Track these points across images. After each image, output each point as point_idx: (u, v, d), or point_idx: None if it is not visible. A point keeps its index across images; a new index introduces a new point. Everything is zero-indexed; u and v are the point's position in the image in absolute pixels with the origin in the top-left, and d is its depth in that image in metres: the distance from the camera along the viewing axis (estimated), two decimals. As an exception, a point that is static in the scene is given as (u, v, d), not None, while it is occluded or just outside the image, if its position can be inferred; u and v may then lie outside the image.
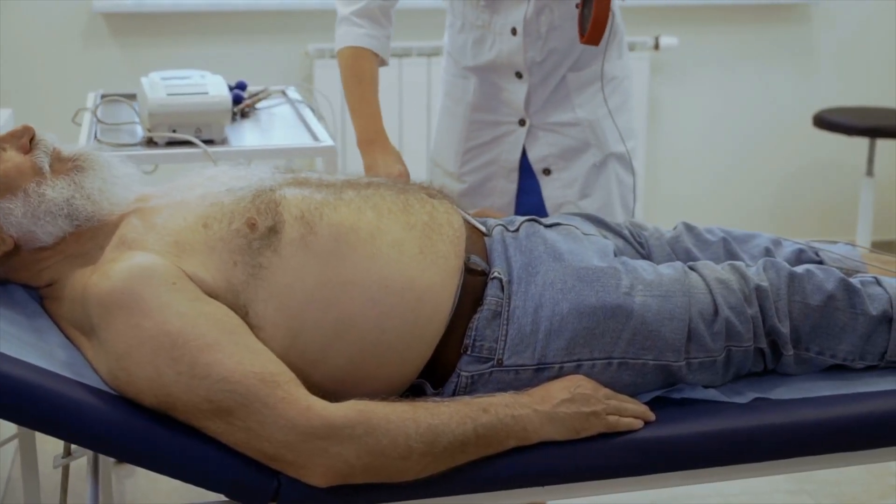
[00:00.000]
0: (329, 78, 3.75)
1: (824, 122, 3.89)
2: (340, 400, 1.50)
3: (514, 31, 2.16)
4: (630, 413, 1.61)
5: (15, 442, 2.32)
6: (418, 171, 2.43)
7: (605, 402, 1.60)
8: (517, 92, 2.21)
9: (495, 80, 2.23)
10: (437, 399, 1.57)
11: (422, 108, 3.84)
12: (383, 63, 2.20)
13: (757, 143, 4.23)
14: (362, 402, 1.49)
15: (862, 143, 4.05)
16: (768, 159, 4.25)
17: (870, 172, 3.98)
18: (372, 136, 2.15)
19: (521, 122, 2.24)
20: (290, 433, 1.44)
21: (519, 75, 2.21)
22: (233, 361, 1.45)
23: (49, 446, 1.81)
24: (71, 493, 1.90)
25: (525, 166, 2.29)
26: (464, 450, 1.52)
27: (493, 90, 2.25)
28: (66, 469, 1.71)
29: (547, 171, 2.27)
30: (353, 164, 3.77)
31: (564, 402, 1.58)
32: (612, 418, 1.59)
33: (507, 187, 2.28)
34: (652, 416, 1.62)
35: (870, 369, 1.77)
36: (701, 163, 4.21)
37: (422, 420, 1.49)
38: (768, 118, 4.21)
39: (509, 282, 1.67)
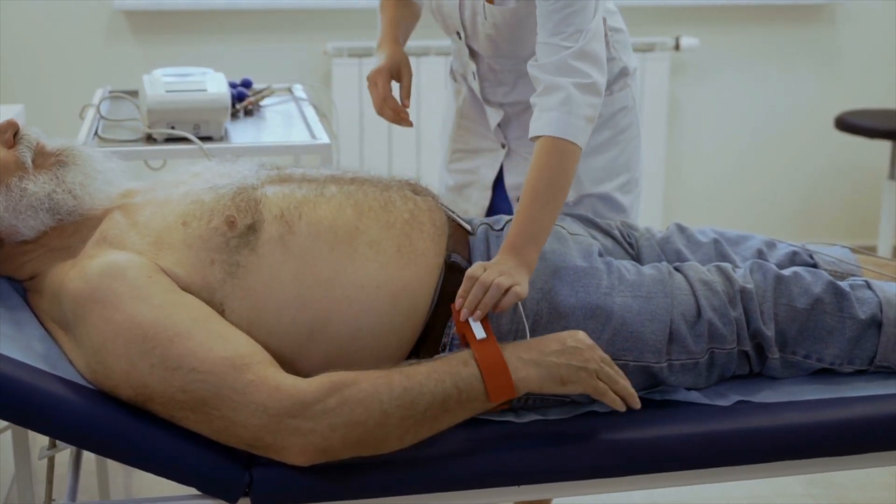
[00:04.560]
0: (347, 76, 3.76)
1: (846, 124, 3.84)
2: None
3: (473, 76, 2.12)
4: (620, 388, 1.56)
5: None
6: (433, 172, 2.41)
7: (599, 365, 1.55)
8: (493, 117, 2.16)
9: (479, 99, 2.20)
10: (414, 361, 1.55)
11: (441, 107, 3.84)
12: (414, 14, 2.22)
13: (778, 145, 4.19)
14: (335, 373, 1.48)
15: (884, 145, 4.01)
16: (790, 162, 4.21)
17: (892, 176, 3.92)
18: (379, 44, 2.16)
19: (503, 145, 2.19)
20: (263, 416, 1.45)
21: (489, 103, 2.16)
22: (203, 349, 1.46)
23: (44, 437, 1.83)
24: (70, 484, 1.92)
25: (502, 185, 2.22)
26: (446, 408, 1.49)
27: (477, 105, 2.21)
28: (51, 461, 1.72)
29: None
30: (370, 160, 3.79)
31: (555, 352, 1.54)
32: (600, 384, 1.55)
33: (481, 202, 2.23)
34: (637, 404, 1.57)
35: (858, 373, 1.75)
36: (721, 165, 4.18)
37: (396, 384, 1.48)
38: (790, 120, 4.16)
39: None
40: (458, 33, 2.06)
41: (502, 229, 1.76)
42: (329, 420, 1.45)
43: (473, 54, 2.09)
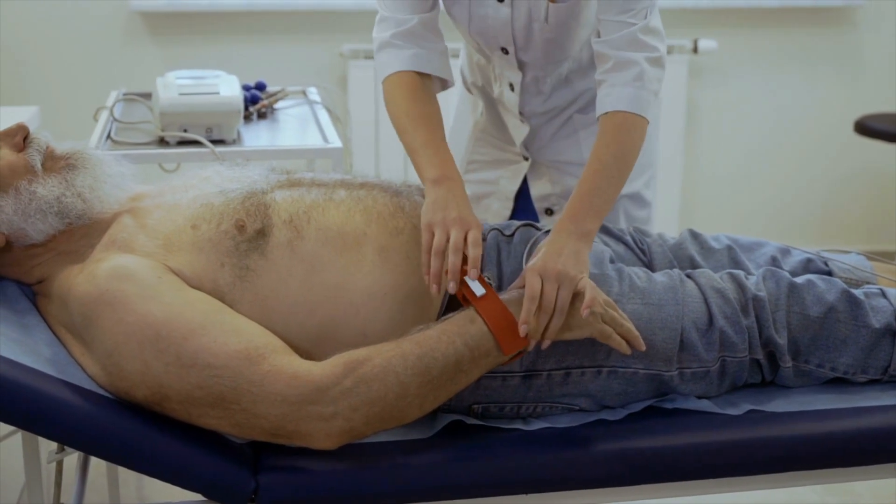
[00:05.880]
0: (363, 78, 3.76)
1: (865, 128, 3.82)
2: None
3: (511, 87, 2.07)
4: (625, 331, 1.58)
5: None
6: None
7: (604, 308, 1.57)
8: (519, 130, 2.13)
9: (500, 111, 2.16)
10: (423, 326, 1.55)
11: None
12: (444, 84, 1.90)
13: (796, 149, 4.16)
14: (347, 353, 1.49)
15: (904, 150, 3.99)
16: (808, 165, 4.19)
17: (912, 180, 3.91)
18: (440, 173, 1.71)
19: (525, 157, 2.17)
20: (283, 405, 1.45)
21: (522, 116, 2.12)
22: (217, 345, 1.46)
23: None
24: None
25: (526, 195, 2.19)
26: (460, 368, 1.51)
27: (498, 121, 2.18)
28: (59, 464, 1.72)
29: (549, 211, 2.17)
30: (386, 163, 3.79)
31: None
32: (606, 327, 1.57)
33: (503, 212, 2.22)
34: (642, 346, 1.58)
35: (872, 383, 1.74)
36: (739, 168, 4.16)
37: (409, 353, 1.49)
38: (808, 123, 4.14)
39: (499, 287, 1.66)
40: (504, 48, 1.99)
41: (512, 235, 1.75)
42: (349, 401, 1.45)
43: (521, 66, 2.03)
